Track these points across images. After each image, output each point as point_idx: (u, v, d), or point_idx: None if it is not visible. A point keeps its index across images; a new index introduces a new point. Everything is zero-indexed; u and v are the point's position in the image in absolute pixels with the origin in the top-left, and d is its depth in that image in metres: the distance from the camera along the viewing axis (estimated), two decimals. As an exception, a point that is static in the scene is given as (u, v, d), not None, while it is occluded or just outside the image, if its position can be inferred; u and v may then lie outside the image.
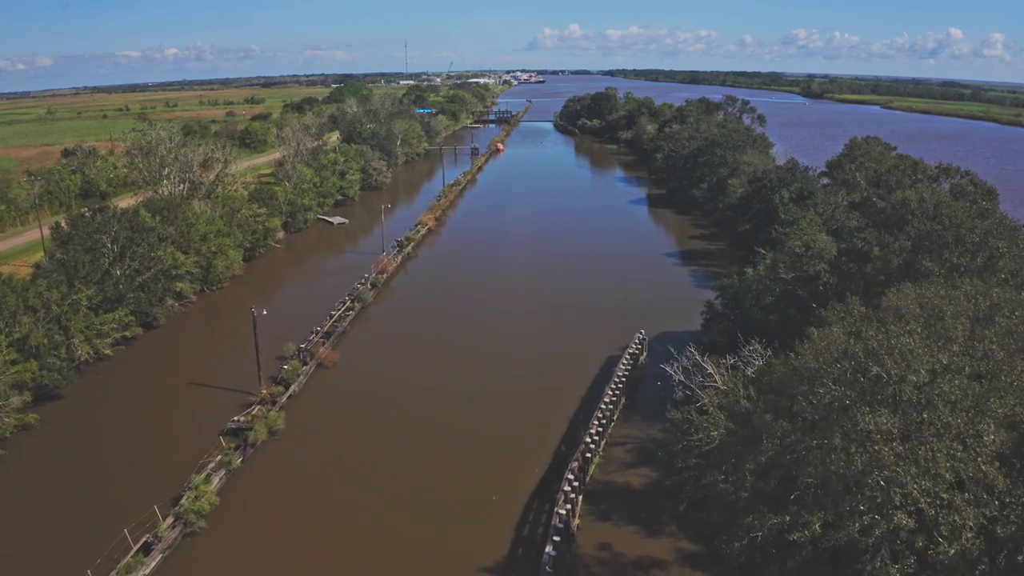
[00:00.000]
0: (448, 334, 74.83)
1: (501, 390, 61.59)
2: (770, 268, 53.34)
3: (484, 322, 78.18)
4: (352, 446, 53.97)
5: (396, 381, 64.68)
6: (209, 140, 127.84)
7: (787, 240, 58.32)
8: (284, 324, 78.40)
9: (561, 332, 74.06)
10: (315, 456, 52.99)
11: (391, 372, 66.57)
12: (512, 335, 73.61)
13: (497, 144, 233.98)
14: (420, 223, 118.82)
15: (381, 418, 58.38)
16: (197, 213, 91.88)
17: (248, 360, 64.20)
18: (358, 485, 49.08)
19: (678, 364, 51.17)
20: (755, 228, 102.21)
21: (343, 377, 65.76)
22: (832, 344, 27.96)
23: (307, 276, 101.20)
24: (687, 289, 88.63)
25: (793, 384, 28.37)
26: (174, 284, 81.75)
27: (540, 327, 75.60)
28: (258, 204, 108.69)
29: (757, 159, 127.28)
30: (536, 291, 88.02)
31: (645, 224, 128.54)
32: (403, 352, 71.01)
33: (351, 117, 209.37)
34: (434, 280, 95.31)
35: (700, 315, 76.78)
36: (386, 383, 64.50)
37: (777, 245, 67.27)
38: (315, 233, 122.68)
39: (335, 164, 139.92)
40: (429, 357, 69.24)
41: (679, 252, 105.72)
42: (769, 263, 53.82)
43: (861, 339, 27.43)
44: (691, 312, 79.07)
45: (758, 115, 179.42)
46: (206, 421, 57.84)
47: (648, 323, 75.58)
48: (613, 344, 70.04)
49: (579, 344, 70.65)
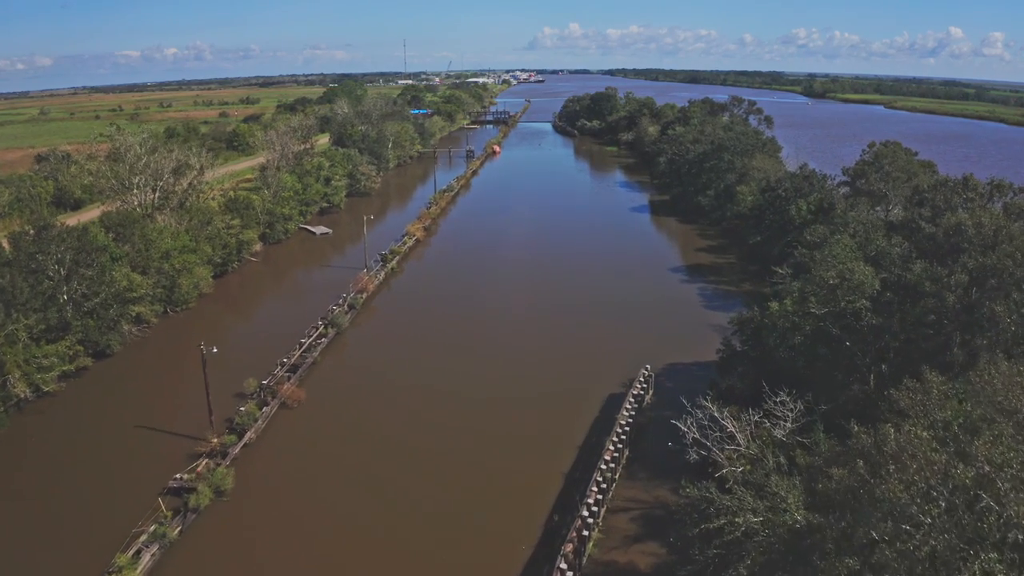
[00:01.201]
0: (431, 368, 67.08)
1: (488, 441, 53.88)
2: (798, 301, 45.67)
3: (472, 352, 70.41)
4: (309, 510, 46.26)
5: (367, 425, 56.93)
6: (183, 145, 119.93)
7: (814, 265, 50.56)
8: (250, 351, 70.95)
9: (558, 366, 66.24)
10: (267, 523, 45.29)
11: (362, 413, 58.80)
12: (503, 371, 65.79)
13: (493, 146, 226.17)
14: (407, 234, 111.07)
15: (348, 473, 50.68)
16: (159, 228, 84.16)
17: (213, 389, 57.32)
18: (315, 560, 41.45)
19: (691, 419, 43.43)
20: (768, 240, 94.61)
21: (308, 420, 57.99)
22: (921, 461, 20.27)
23: (282, 294, 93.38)
24: (695, 310, 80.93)
25: (863, 509, 20.84)
26: (130, 308, 74.03)
27: (534, 359, 67.77)
28: (232, 215, 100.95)
29: (767, 164, 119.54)
30: (530, 314, 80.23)
31: (648, 234, 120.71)
32: (378, 389, 63.21)
33: (342, 119, 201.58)
34: (419, 300, 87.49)
35: (712, 345, 69.40)
36: (355, 427, 56.72)
37: (800, 269, 59.58)
38: (296, 244, 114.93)
39: (319, 169, 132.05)
40: (407, 396, 61.47)
41: (685, 267, 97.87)
42: (797, 295, 46.12)
43: (957, 448, 19.89)
44: (701, 338, 71.65)
45: (765, 116, 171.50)
46: (148, 475, 50.23)
47: (653, 351, 67.99)
48: (615, 377, 62.42)
49: (578, 379, 62.88)
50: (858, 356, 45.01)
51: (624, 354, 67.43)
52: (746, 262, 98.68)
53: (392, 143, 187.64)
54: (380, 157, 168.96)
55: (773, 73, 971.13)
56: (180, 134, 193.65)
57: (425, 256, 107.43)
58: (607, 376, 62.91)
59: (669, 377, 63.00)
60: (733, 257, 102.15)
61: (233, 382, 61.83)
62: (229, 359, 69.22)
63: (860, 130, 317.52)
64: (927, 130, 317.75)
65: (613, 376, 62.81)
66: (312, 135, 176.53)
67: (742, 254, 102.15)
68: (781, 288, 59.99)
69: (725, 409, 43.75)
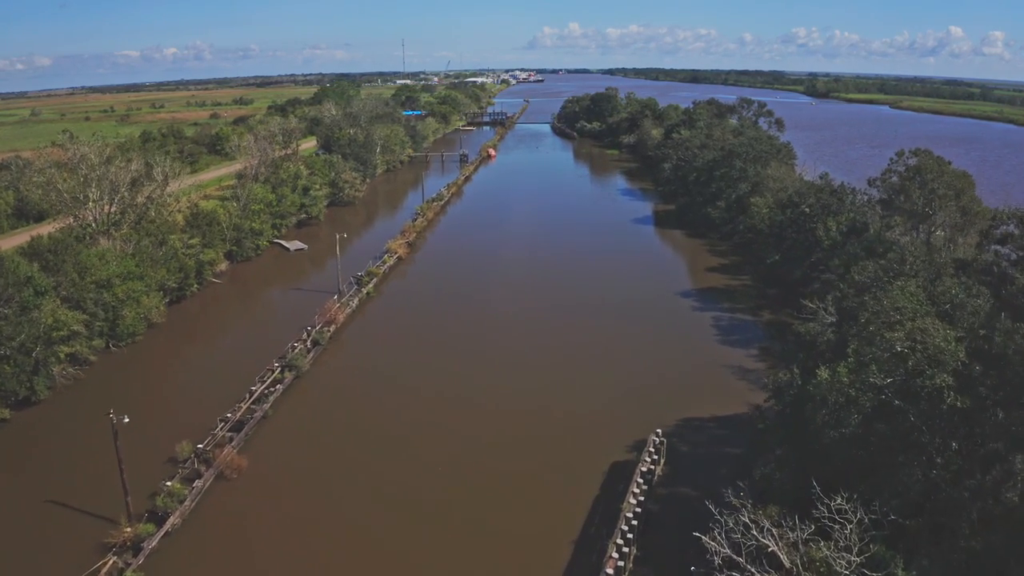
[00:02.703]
0: (406, 423, 57.04)
1: (463, 534, 43.82)
2: (855, 369, 35.73)
3: (451, 402, 60.30)
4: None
5: (318, 500, 46.95)
6: (155, 152, 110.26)
7: (867, 315, 40.52)
8: (194, 398, 60.94)
9: (552, 427, 55.93)
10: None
11: (314, 485, 48.74)
12: (486, 429, 55.61)
13: (488, 150, 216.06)
14: (388, 251, 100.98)
15: (295, 568, 40.73)
16: (100, 253, 74.13)
17: (142, 453, 49.13)
18: None
19: (718, 527, 33.39)
20: (788, 261, 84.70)
21: (248, 496, 47.93)
22: None
23: (242, 323, 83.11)
24: (709, 345, 70.85)
25: None
26: (59, 349, 64.08)
27: (524, 417, 57.57)
28: (192, 232, 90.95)
29: (783, 174, 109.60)
30: (522, 356, 70.01)
31: (653, 251, 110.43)
32: (337, 451, 53.11)
33: (329, 121, 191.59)
34: (397, 332, 77.30)
35: (731, 392, 59.59)
36: (304, 504, 46.70)
37: (840, 309, 49.57)
38: (267, 262, 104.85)
39: (297, 178, 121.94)
40: (372, 465, 51.36)
41: (695, 291, 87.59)
42: (853, 362, 36.13)
43: None
44: (718, 382, 61.75)
45: (776, 119, 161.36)
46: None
47: (663, 401, 58.16)
48: (618, 437, 52.53)
49: (575, 443, 52.74)
50: (924, 433, 35.18)
51: (631, 406, 57.49)
52: (764, 284, 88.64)
53: (380, 147, 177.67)
54: (366, 163, 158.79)
55: (775, 72, 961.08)
56: (156, 138, 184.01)
57: (408, 276, 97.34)
58: (609, 436, 52.96)
59: (683, 437, 53.01)
60: (748, 278, 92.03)
61: (168, 439, 52.07)
62: (168, 409, 59.44)
63: (868, 132, 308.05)
64: (936, 131, 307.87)
65: (616, 435, 52.88)
66: (295, 139, 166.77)
67: (758, 275, 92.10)
68: (818, 334, 50.00)
69: (762, 511, 33.80)
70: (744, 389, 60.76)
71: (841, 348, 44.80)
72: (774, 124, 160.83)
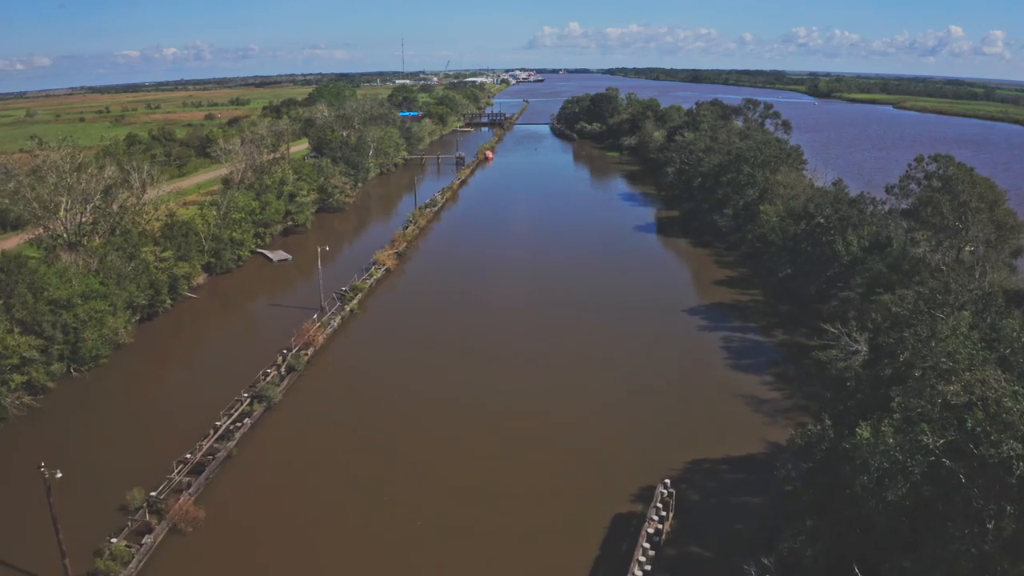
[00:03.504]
0: (384, 463, 51.60)
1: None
2: (901, 427, 30.27)
3: (438, 441, 54.82)
4: None
5: (284, 556, 41.46)
6: (136, 157, 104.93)
7: (911, 355, 35.04)
8: (154, 433, 55.49)
9: (550, 471, 50.49)
10: None
11: (278, 538, 43.24)
12: (478, 475, 50.12)
13: (486, 152, 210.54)
14: (376, 262, 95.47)
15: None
16: (60, 270, 68.68)
17: (92, 499, 45.47)
18: None
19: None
20: (802, 275, 79.29)
21: (203, 555, 42.43)
22: None
23: (215, 344, 77.23)
24: (719, 371, 65.25)
25: None
26: (10, 376, 58.67)
27: (521, 460, 52.13)
28: (166, 243, 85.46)
29: (793, 179, 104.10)
30: (517, 387, 64.57)
31: (657, 261, 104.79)
32: (306, 498, 47.55)
33: (322, 123, 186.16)
34: (381, 354, 71.77)
35: (743, 428, 54.14)
36: (268, 562, 41.25)
37: (875, 343, 44.07)
38: (249, 274, 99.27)
39: (282, 184, 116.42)
40: (346, 513, 45.94)
41: (702, 307, 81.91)
42: (899, 419, 30.68)
43: None
44: (730, 417, 56.27)
45: (783, 121, 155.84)
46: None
47: (669, 439, 52.80)
48: (621, 483, 47.14)
49: (574, 491, 47.16)
50: (977, 498, 29.79)
51: (635, 442, 52.09)
52: (775, 300, 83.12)
53: (374, 150, 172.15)
54: (358, 166, 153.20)
55: (776, 72, 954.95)
56: (143, 142, 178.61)
57: (397, 290, 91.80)
58: (613, 483, 47.53)
59: (693, 483, 47.53)
60: (759, 292, 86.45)
61: (122, 482, 46.81)
62: (124, 445, 54.00)
63: (874, 133, 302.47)
64: (942, 133, 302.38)
65: (621, 482, 47.45)
66: (283, 143, 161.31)
67: (769, 289, 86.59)
68: (844, 368, 44.45)
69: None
70: (759, 423, 55.36)
71: (876, 390, 39.34)
72: (781, 126, 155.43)
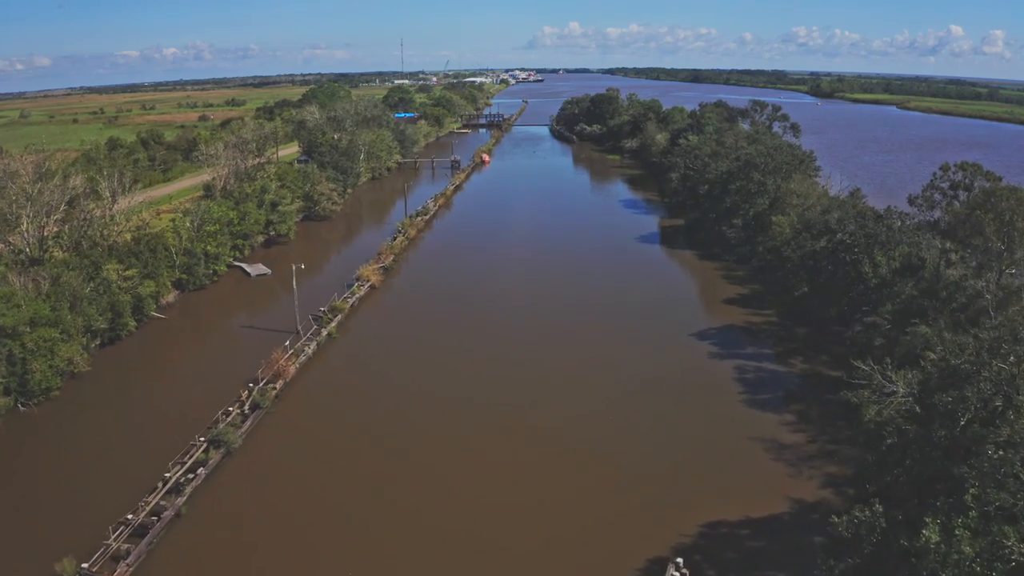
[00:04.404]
0: (357, 520, 45.00)
1: None
2: (979, 530, 23.71)
3: (419, 486, 48.19)
4: None
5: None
6: (87, 168, 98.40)
7: (975, 426, 28.47)
8: (97, 487, 48.76)
9: (541, 541, 43.99)
10: None
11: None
12: (464, 536, 43.60)
13: (482, 155, 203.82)
14: (359, 278, 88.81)
15: None
16: (7, 294, 62.12)
17: (23, 564, 36.32)
18: None
19: None
20: (821, 295, 72.72)
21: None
22: None
23: (180, 372, 69.09)
24: (734, 409, 58.44)
25: None
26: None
27: (514, 526, 45.50)
28: (131, 260, 78.90)
29: (807, 188, 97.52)
30: (510, 431, 58.11)
31: (661, 276, 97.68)
32: (263, 567, 41.00)
33: (312, 126, 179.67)
34: (360, 385, 65.03)
35: (764, 480, 47.61)
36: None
37: (929, 398, 37.39)
38: (224, 290, 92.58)
39: (263, 192, 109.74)
40: None
41: (712, 330, 75.09)
42: (975, 517, 24.11)
43: None
44: (747, 466, 49.65)
45: (792, 124, 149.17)
46: None
47: (682, 495, 46.15)
48: (624, 555, 40.50)
49: (568, 565, 40.66)
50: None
51: (641, 500, 45.48)
52: (791, 321, 76.47)
53: (365, 154, 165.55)
54: (347, 171, 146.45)
55: (777, 72, 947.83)
56: (125, 146, 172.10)
57: (381, 309, 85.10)
58: (614, 555, 40.93)
59: (708, 554, 40.86)
60: (773, 313, 79.74)
61: (56, 547, 40.31)
62: (62, 501, 47.31)
63: (881, 134, 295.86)
64: (949, 134, 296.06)
65: (624, 554, 40.86)
66: (268, 147, 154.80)
67: (784, 308, 79.95)
68: (885, 420, 37.78)
69: None
70: (781, 474, 48.76)
71: (929, 457, 32.75)
72: (789, 129, 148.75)
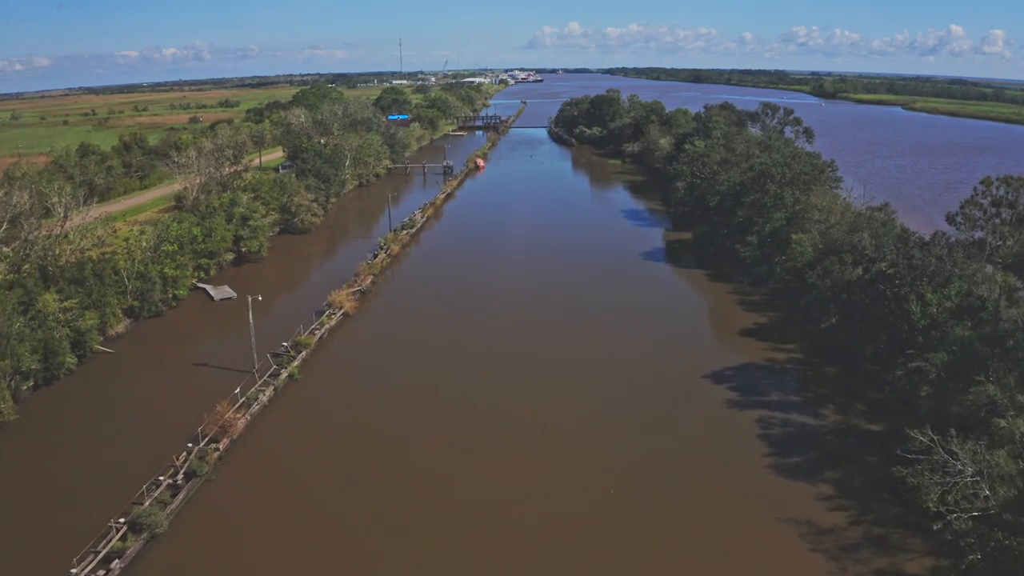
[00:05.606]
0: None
1: None
2: None
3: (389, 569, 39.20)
4: None
5: None
6: (35, 181, 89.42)
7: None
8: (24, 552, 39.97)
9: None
10: None
11: None
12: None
13: (476, 159, 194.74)
14: (331, 305, 79.67)
15: None
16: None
17: None
18: None
19: None
20: (851, 329, 63.65)
21: None
22: None
23: (113, 426, 58.58)
24: (759, 478, 49.18)
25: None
26: None
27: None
28: (71, 289, 69.81)
29: (828, 201, 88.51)
30: (492, 512, 49.12)
31: (668, 301, 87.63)
32: None
33: (297, 130, 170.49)
34: (316, 441, 55.60)
35: (798, 564, 38.44)
36: None
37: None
38: (185, 315, 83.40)
39: (233, 205, 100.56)
40: None
41: (728, 371, 65.59)
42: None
43: None
44: (781, 566, 40.48)
45: (804, 128, 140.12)
46: None
47: None
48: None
49: None
50: None
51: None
52: (818, 359, 67.32)
53: (351, 159, 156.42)
54: (331, 180, 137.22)
55: (779, 72, 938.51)
56: (99, 153, 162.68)
57: (354, 341, 75.86)
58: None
59: None
60: (795, 347, 70.52)
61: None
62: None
63: (889, 136, 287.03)
64: (959, 136, 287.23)
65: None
66: (248, 152, 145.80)
67: (808, 342, 70.83)
68: (961, 529, 28.70)
69: None
70: (821, 570, 39.63)
71: None
72: (802, 133, 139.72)
